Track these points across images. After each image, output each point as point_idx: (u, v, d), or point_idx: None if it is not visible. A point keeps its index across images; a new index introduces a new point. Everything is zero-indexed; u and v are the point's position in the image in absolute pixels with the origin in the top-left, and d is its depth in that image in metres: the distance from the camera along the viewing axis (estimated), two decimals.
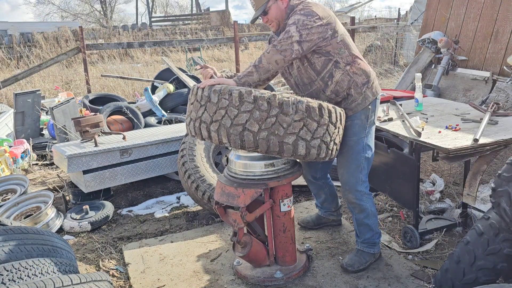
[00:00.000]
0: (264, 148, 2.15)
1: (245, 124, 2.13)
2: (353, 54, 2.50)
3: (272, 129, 2.13)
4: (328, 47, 2.42)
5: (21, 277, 1.84)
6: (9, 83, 7.81)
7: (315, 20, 2.36)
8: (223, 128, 2.16)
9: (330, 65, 2.45)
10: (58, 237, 2.32)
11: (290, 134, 2.15)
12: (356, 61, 2.49)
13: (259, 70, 2.31)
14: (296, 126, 2.15)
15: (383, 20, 19.01)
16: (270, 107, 2.12)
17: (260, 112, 2.11)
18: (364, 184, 2.62)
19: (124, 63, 11.70)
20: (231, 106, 2.13)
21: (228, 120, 2.15)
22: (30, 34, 15.01)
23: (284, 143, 2.15)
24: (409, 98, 3.74)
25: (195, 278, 2.64)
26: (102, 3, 29.16)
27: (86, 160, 3.60)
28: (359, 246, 2.71)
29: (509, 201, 1.90)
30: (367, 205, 2.63)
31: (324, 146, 2.26)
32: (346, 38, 2.49)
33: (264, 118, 2.12)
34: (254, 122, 2.12)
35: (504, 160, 3.32)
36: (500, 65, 4.23)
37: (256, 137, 2.14)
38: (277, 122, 2.13)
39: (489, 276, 2.10)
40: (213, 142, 2.25)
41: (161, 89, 6.37)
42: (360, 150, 2.55)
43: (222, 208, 2.46)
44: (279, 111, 2.12)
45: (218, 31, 18.24)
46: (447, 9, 4.93)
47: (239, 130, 2.14)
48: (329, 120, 2.25)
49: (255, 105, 2.11)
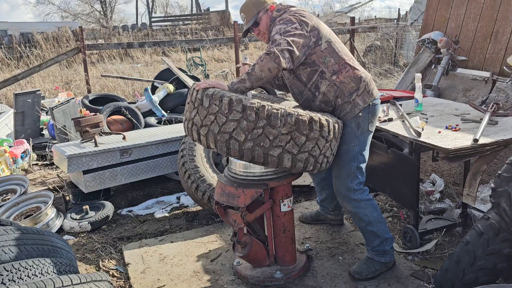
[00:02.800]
0: (248, 158, 2.16)
1: (232, 132, 2.12)
2: (340, 61, 2.41)
3: (258, 141, 2.11)
4: (313, 56, 2.37)
5: (21, 277, 1.84)
6: (9, 83, 7.81)
7: (296, 27, 2.32)
8: (211, 133, 2.17)
9: (316, 76, 2.40)
10: (58, 237, 2.32)
11: (276, 147, 2.13)
12: (345, 68, 2.41)
13: (251, 77, 2.26)
14: (283, 139, 2.12)
15: (383, 20, 19.01)
16: (258, 118, 2.09)
17: (247, 122, 2.10)
18: (358, 192, 2.50)
19: (124, 63, 11.70)
20: (220, 113, 2.13)
21: (216, 127, 2.15)
22: (30, 34, 15.00)
23: (269, 155, 2.14)
24: (409, 98, 3.74)
25: (195, 278, 2.64)
26: (102, 3, 29.16)
27: (86, 160, 3.60)
28: (369, 254, 2.60)
29: (509, 201, 1.90)
30: (365, 212, 2.51)
31: (312, 159, 2.22)
32: (332, 43, 2.41)
33: (251, 128, 2.10)
34: (241, 131, 2.11)
35: (504, 160, 3.31)
36: (500, 65, 4.23)
37: (242, 146, 2.13)
38: (263, 134, 2.11)
39: (489, 276, 2.11)
40: (202, 145, 2.26)
41: (161, 89, 6.38)
42: (351, 159, 2.46)
43: (222, 208, 2.46)
44: (266, 123, 2.10)
45: (218, 31, 18.24)
46: (447, 9, 4.93)
47: (225, 138, 2.14)
48: (320, 134, 2.20)
49: (243, 115, 2.10)
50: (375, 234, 2.53)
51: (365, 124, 2.46)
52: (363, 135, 2.48)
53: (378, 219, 2.54)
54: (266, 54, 2.26)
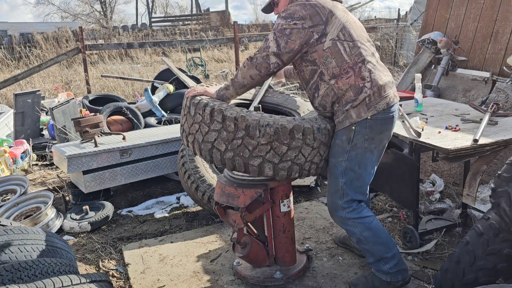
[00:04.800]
0: (230, 167, 2.17)
1: (213, 142, 2.15)
2: (343, 64, 2.12)
3: (238, 151, 2.12)
4: (314, 54, 2.14)
5: (21, 277, 1.84)
6: (9, 83, 7.81)
7: (296, 23, 2.08)
8: (197, 142, 2.21)
9: (316, 76, 2.18)
10: (58, 238, 2.32)
11: (255, 157, 2.12)
12: (346, 74, 2.13)
13: (235, 84, 2.21)
14: (263, 149, 2.10)
15: (383, 21, 19.01)
16: (237, 128, 2.09)
17: (227, 132, 2.11)
18: (346, 210, 2.28)
19: (124, 64, 11.70)
20: (203, 122, 2.16)
21: (200, 136, 2.18)
22: (30, 34, 15.01)
23: (250, 164, 2.14)
24: (409, 99, 3.73)
25: (195, 279, 2.63)
26: (102, 3, 29.19)
27: (86, 160, 3.60)
28: (372, 268, 2.40)
29: (509, 201, 1.90)
30: (354, 230, 2.30)
31: (296, 167, 2.18)
32: (339, 43, 2.12)
33: (231, 139, 2.11)
34: (222, 141, 2.13)
35: (504, 160, 3.31)
36: (500, 66, 4.23)
37: (223, 156, 2.15)
38: (242, 144, 2.10)
39: (489, 276, 2.10)
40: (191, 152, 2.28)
41: (161, 90, 6.38)
42: (339, 174, 2.24)
43: (222, 208, 2.46)
44: (245, 134, 2.09)
45: (218, 32, 18.24)
46: (447, 9, 4.93)
47: (208, 147, 2.17)
48: (304, 142, 2.13)
49: (223, 125, 2.11)
50: (369, 252, 2.34)
51: (359, 140, 2.18)
52: (356, 151, 2.20)
53: (371, 239, 2.29)
54: (249, 60, 2.15)
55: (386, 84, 2.19)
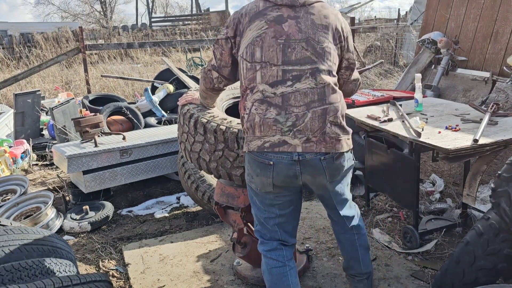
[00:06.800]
0: (216, 176, 2.25)
1: (199, 152, 2.21)
2: (241, 88, 1.84)
3: (220, 162, 2.17)
4: None
5: (21, 277, 1.84)
6: (9, 83, 7.81)
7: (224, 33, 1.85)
8: (187, 150, 2.28)
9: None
10: (58, 238, 2.32)
11: (237, 167, 2.17)
12: (241, 98, 1.87)
13: (201, 96, 2.19)
14: (243, 161, 2.11)
15: (383, 21, 19.00)
16: (217, 141, 2.14)
17: (209, 144, 2.16)
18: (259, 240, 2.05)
19: (124, 64, 11.69)
20: (189, 133, 2.22)
21: (188, 145, 2.25)
22: (30, 34, 15.01)
23: (233, 174, 2.19)
24: (409, 99, 3.73)
25: (195, 279, 2.63)
26: (102, 3, 29.18)
27: (86, 160, 3.60)
28: None
29: (509, 201, 1.90)
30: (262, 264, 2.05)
31: None
32: (241, 62, 1.80)
33: (213, 150, 2.16)
34: (206, 152, 2.19)
35: (504, 160, 3.31)
36: (500, 66, 4.23)
37: (209, 165, 2.21)
38: (223, 156, 2.16)
39: (489, 276, 2.10)
40: None
41: (161, 90, 6.38)
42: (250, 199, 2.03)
43: (222, 208, 2.46)
44: (224, 146, 2.14)
45: (218, 32, 18.23)
46: (447, 9, 4.93)
47: (196, 157, 2.24)
48: None
49: (205, 137, 2.17)
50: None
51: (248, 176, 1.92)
52: (250, 187, 1.94)
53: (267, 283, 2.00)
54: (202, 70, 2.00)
55: (266, 124, 1.74)
